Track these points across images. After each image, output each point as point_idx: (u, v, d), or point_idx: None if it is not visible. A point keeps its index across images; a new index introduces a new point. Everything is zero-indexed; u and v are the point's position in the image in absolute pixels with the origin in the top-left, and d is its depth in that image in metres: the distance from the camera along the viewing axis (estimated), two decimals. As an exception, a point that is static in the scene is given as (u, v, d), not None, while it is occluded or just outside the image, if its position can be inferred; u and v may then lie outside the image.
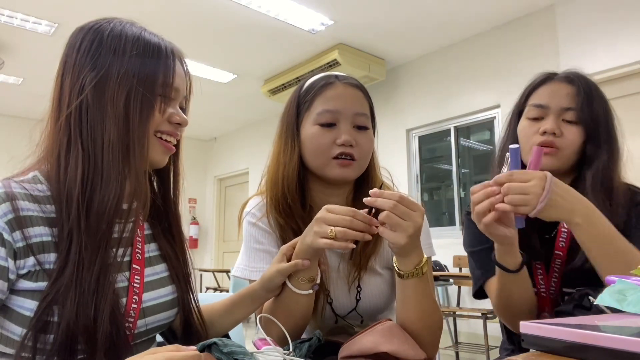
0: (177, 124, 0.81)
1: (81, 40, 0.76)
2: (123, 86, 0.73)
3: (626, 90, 3.57)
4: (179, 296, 0.85)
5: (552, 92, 1.06)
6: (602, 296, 0.75)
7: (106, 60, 0.74)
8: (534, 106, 1.07)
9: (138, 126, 0.74)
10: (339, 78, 1.01)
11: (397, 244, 0.78)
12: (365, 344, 0.77)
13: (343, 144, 0.95)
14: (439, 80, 4.75)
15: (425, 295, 0.86)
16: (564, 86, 1.07)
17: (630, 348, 0.45)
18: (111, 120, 0.73)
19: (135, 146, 0.74)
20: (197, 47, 4.68)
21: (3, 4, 3.85)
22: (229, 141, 7.91)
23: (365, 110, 1.00)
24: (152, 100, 0.76)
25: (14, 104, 6.24)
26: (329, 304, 0.99)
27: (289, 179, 0.98)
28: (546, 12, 3.95)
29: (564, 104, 1.04)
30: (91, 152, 0.72)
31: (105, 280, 0.69)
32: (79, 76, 0.74)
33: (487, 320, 3.55)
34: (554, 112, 1.05)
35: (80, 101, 0.73)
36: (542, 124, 1.05)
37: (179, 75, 0.80)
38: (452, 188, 4.70)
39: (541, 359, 0.53)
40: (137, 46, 0.76)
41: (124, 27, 0.77)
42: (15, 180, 0.72)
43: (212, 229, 8.14)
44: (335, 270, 1.01)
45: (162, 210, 0.88)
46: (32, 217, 0.69)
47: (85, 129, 0.73)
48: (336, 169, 0.96)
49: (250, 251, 1.01)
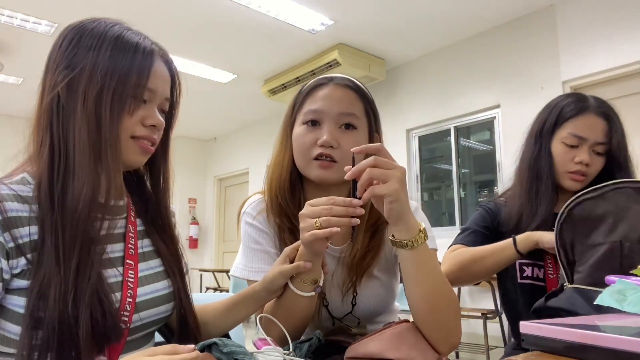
0: (151, 126, 0.79)
1: (63, 39, 0.77)
2: (94, 85, 0.73)
3: (626, 90, 3.57)
4: (175, 290, 0.86)
5: (591, 126, 1.21)
6: (602, 296, 0.76)
7: (81, 59, 0.74)
8: (574, 136, 1.22)
9: (109, 126, 0.73)
10: (335, 80, 1.00)
11: (392, 192, 0.74)
12: (371, 349, 0.76)
13: (323, 145, 0.94)
14: (439, 80, 4.75)
15: (433, 271, 0.81)
16: (601, 122, 1.22)
17: (630, 348, 0.45)
18: (82, 119, 0.72)
19: (107, 146, 0.73)
20: (197, 47, 4.66)
21: (3, 4, 3.85)
22: (229, 141, 7.91)
23: (352, 110, 0.97)
24: (123, 101, 0.74)
25: (14, 104, 6.24)
26: (325, 306, 0.99)
27: (281, 178, 0.99)
28: (546, 12, 3.95)
29: (599, 138, 1.21)
30: (62, 150, 0.73)
31: (86, 275, 0.69)
32: (55, 74, 0.74)
33: (487, 320, 3.56)
34: (589, 144, 1.21)
35: (52, 98, 0.74)
36: (577, 153, 1.22)
37: (157, 76, 0.79)
38: (452, 188, 4.70)
39: (541, 359, 0.53)
40: (113, 45, 0.75)
41: (106, 26, 0.77)
42: (4, 182, 0.72)
43: (212, 229, 8.14)
44: (330, 273, 0.99)
45: (154, 208, 0.89)
46: (22, 218, 0.69)
47: (56, 126, 0.73)
48: (316, 170, 0.95)
49: (249, 251, 1.01)
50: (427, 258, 0.80)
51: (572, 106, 1.23)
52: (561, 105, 1.25)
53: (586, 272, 0.93)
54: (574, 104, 1.24)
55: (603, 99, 1.27)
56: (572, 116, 1.22)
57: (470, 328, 4.17)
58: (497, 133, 4.31)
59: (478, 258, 1.21)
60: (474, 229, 1.32)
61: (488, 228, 1.31)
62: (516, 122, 1.14)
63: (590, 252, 0.94)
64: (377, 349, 0.75)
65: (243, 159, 7.45)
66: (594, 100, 1.24)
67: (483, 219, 1.33)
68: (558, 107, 1.26)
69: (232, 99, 6.20)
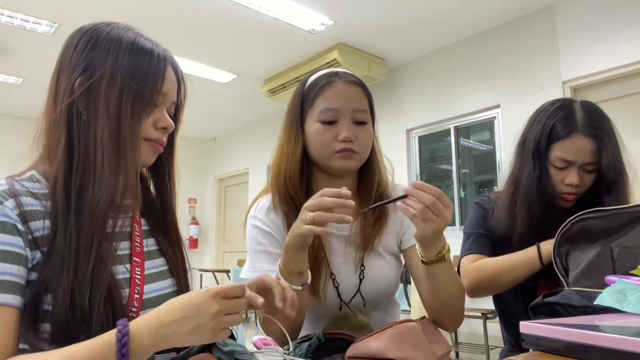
0: (162, 128, 0.83)
1: (77, 41, 0.79)
2: (115, 88, 0.76)
3: (626, 90, 3.57)
4: (179, 290, 0.88)
5: (578, 149, 1.19)
6: (602, 296, 0.76)
7: (99, 62, 0.77)
8: (562, 160, 1.21)
9: (130, 128, 0.76)
10: (340, 76, 1.07)
11: (424, 235, 0.85)
12: (372, 349, 0.77)
13: (344, 140, 1.02)
14: (439, 80, 4.74)
15: (450, 280, 0.94)
16: (588, 142, 1.18)
17: (630, 348, 0.45)
18: (103, 121, 0.75)
19: (127, 147, 0.76)
20: (197, 47, 4.66)
21: (3, 4, 3.85)
22: (229, 141, 7.90)
23: (364, 106, 1.06)
24: (143, 103, 0.78)
25: (14, 104, 6.24)
26: (335, 287, 1.04)
27: (291, 170, 1.05)
28: (546, 12, 3.95)
29: (587, 159, 1.19)
30: (81, 151, 0.75)
31: (100, 271, 0.71)
32: (72, 76, 0.76)
33: (487, 320, 3.56)
34: (578, 165, 1.20)
35: (72, 101, 0.76)
36: (566, 175, 1.21)
37: (169, 81, 0.83)
38: (452, 188, 4.70)
39: (541, 359, 0.53)
40: (130, 50, 0.78)
41: (120, 31, 0.80)
42: (15, 179, 0.74)
43: (212, 229, 8.14)
44: (340, 255, 1.07)
45: (158, 208, 0.91)
46: (36, 211, 0.71)
47: (76, 128, 0.76)
48: (339, 161, 1.03)
49: (252, 253, 1.07)
50: (448, 268, 0.93)
51: (560, 126, 1.21)
52: (549, 124, 1.23)
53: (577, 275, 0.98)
54: (562, 124, 1.21)
55: (594, 108, 1.23)
56: (560, 139, 1.21)
57: (470, 328, 4.17)
58: (497, 133, 4.30)
59: (501, 272, 1.20)
60: (480, 233, 1.31)
61: (489, 228, 1.31)
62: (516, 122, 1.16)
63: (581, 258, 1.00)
64: (378, 348, 0.76)
65: (243, 159, 7.45)
66: (583, 118, 1.20)
67: (483, 219, 1.33)
68: (547, 126, 1.23)
69: (232, 99, 6.20)
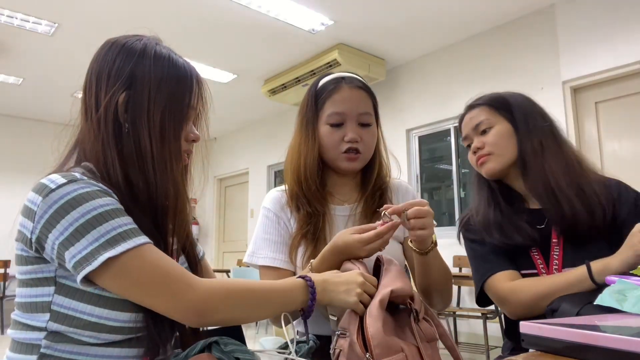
0: (192, 141, 0.89)
1: (115, 55, 0.82)
2: (158, 104, 0.80)
3: (626, 90, 3.57)
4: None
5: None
6: (602, 296, 0.76)
7: (140, 77, 0.81)
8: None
9: (173, 141, 0.82)
10: (346, 80, 1.16)
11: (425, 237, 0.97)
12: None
13: (350, 141, 1.12)
14: (439, 80, 4.75)
15: (441, 262, 1.06)
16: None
17: (630, 348, 0.45)
18: (146, 134, 0.79)
19: (173, 158, 0.82)
20: (197, 47, 4.68)
21: (3, 4, 3.85)
22: (229, 141, 7.90)
23: (368, 109, 1.16)
24: (182, 118, 0.84)
25: (14, 104, 6.21)
26: None
27: (310, 166, 1.14)
28: (546, 12, 3.95)
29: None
30: (135, 162, 0.80)
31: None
32: (114, 91, 0.80)
33: (487, 321, 3.56)
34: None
35: (116, 116, 0.80)
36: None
37: (196, 95, 0.88)
38: (452, 188, 4.70)
39: (541, 359, 0.53)
40: (167, 65, 0.83)
41: (153, 46, 0.85)
42: (84, 178, 0.77)
43: (212, 229, 8.14)
44: None
45: None
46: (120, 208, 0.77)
47: (127, 142, 0.80)
48: (345, 162, 1.14)
49: (259, 240, 1.16)
50: (437, 252, 1.04)
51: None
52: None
53: None
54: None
55: None
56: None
57: (470, 328, 4.17)
58: (497, 133, 4.30)
59: (551, 294, 1.04)
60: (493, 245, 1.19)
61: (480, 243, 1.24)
62: (516, 122, 1.16)
63: None
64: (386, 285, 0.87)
65: (243, 159, 7.44)
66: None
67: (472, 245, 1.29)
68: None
69: (232, 99, 6.20)
